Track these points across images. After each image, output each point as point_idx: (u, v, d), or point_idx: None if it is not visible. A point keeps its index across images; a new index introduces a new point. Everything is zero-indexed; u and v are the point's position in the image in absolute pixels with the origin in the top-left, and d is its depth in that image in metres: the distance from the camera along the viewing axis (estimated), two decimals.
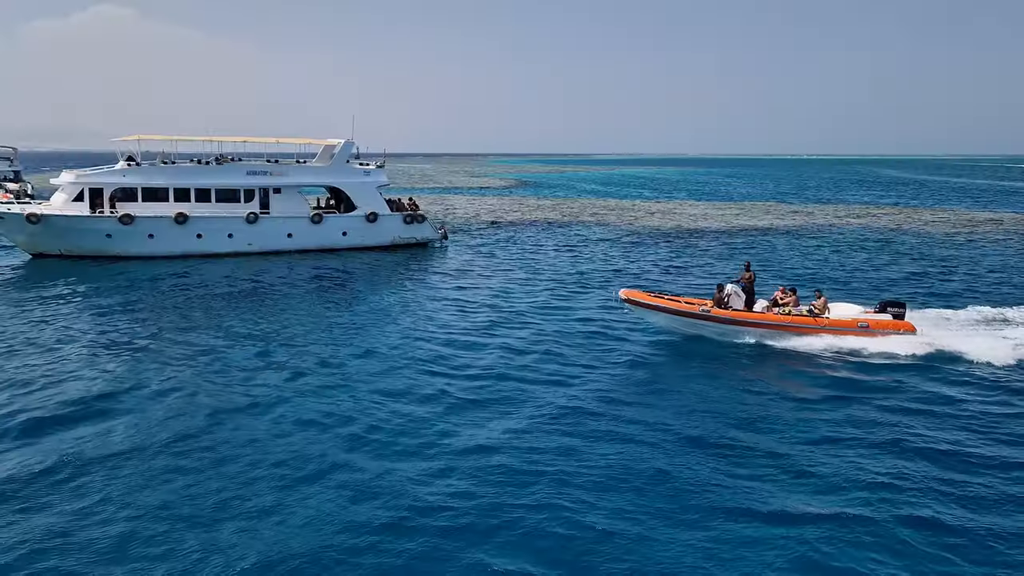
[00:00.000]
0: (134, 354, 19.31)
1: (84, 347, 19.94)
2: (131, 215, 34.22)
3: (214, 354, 19.40)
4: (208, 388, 16.67)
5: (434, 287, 29.23)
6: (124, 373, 17.62)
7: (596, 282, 30.02)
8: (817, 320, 19.49)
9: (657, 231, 49.42)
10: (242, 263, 34.79)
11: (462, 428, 14.37)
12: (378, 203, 39.58)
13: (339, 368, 18.31)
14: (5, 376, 17.36)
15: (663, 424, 14.51)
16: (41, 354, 19.21)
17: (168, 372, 17.75)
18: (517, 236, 46.16)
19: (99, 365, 18.27)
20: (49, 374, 17.55)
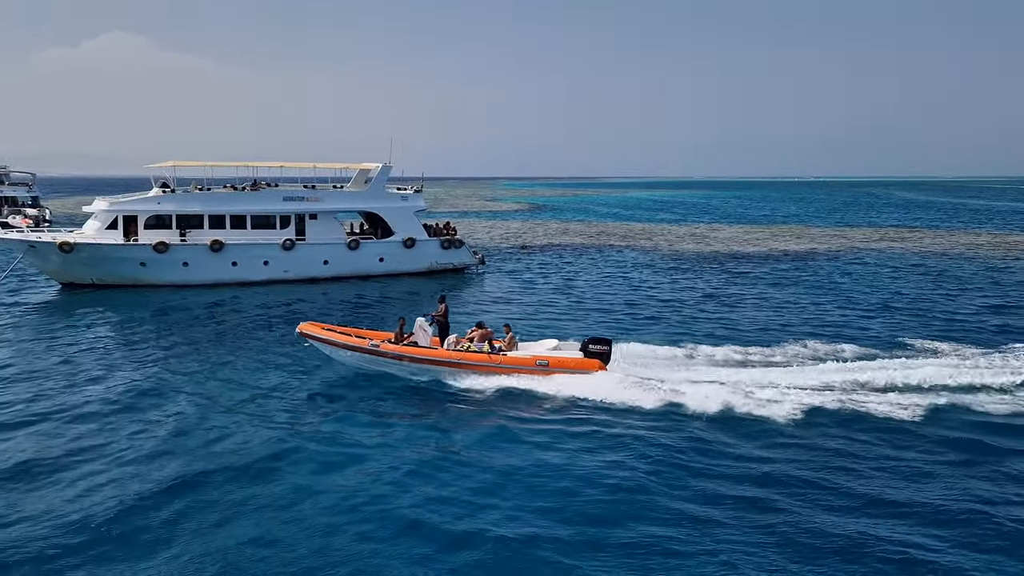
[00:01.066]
0: (171, 389, 18.21)
1: (119, 382, 18.78)
2: (166, 243, 33.20)
3: (256, 389, 18.24)
4: (253, 425, 15.62)
5: (476, 316, 27.74)
6: (163, 410, 16.52)
7: (645, 312, 28.63)
8: (492, 358, 18.02)
9: (695, 256, 48.13)
10: (277, 291, 33.67)
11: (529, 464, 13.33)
12: (416, 228, 38.52)
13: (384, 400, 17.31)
14: (39, 411, 16.36)
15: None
16: (74, 388, 18.21)
17: (209, 410, 16.60)
18: (552, 261, 44.98)
19: (136, 402, 17.10)
20: (82, 408, 16.62)
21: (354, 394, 17.85)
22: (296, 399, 17.57)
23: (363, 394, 17.83)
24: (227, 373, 19.66)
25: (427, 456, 13.94)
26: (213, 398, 17.50)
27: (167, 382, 18.82)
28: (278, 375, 19.45)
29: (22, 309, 29.18)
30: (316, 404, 17.21)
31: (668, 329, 24.96)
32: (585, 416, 15.96)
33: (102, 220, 33.51)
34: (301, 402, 17.37)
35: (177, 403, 17.01)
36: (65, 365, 20.50)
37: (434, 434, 15.19)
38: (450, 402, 17.17)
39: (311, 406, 17.08)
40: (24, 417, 16.08)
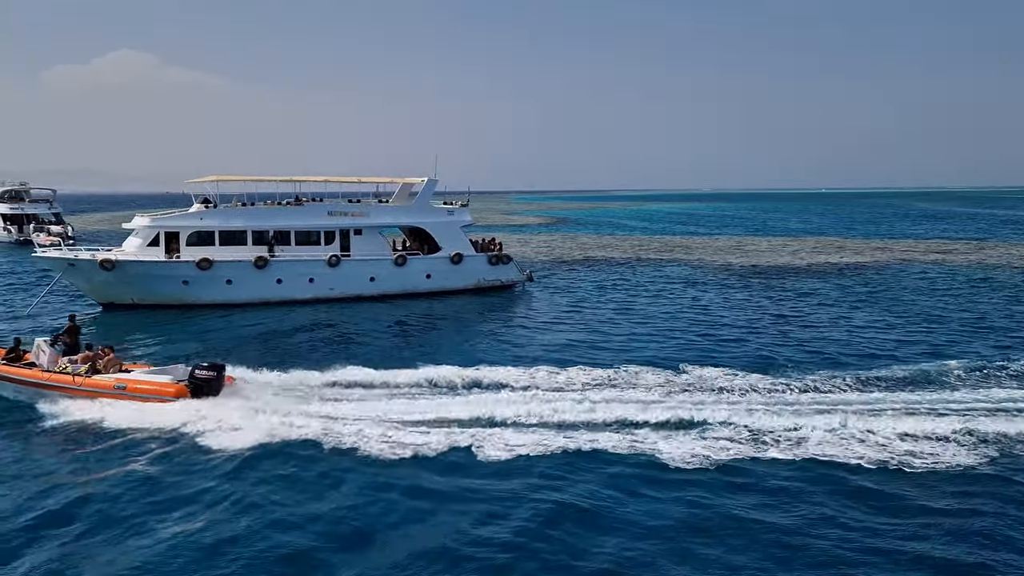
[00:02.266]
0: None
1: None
2: (210, 260, 31.88)
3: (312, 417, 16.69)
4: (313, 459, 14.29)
5: (532, 338, 26.04)
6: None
7: (722, 334, 27.03)
8: (74, 379, 17.30)
9: (747, 270, 46.44)
10: (323, 309, 32.29)
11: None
12: (463, 244, 37.09)
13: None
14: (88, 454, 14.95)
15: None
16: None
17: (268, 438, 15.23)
18: (597, 277, 43.41)
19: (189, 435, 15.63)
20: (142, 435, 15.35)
21: None
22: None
23: None
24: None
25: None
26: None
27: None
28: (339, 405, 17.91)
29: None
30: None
31: (754, 353, 23.32)
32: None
33: (143, 237, 32.26)
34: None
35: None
36: None
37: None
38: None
39: None
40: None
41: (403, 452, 14.46)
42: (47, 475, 13.84)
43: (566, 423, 16.32)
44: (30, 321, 29.41)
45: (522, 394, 18.37)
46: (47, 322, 29.43)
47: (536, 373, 20.59)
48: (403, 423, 16.19)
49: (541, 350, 23.99)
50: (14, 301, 34.39)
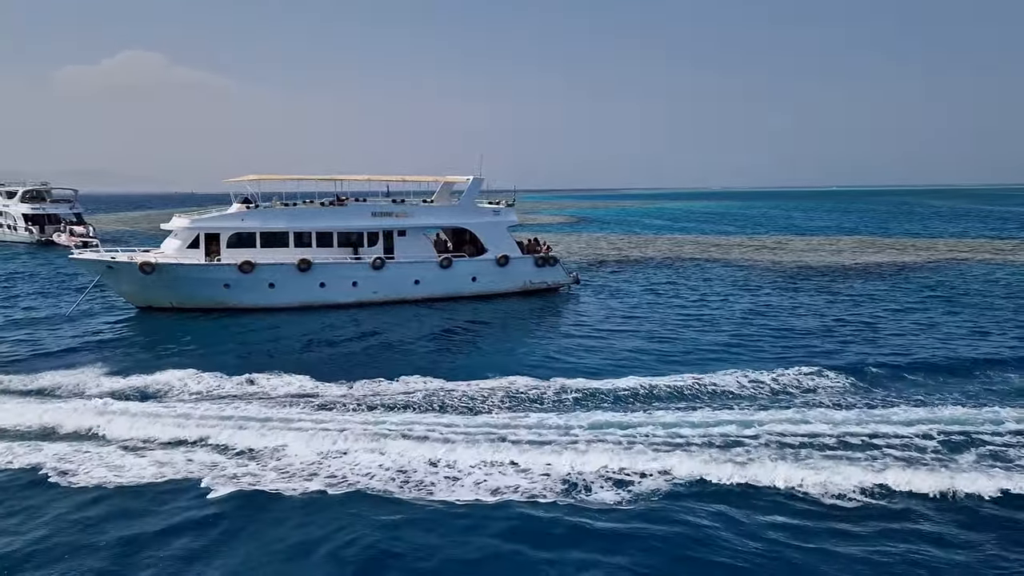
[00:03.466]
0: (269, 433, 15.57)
1: (216, 426, 16.12)
2: (252, 263, 30.65)
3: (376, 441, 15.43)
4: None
5: (593, 346, 24.52)
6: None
7: (803, 340, 25.58)
8: None
9: (789, 271, 44.82)
10: (367, 314, 30.99)
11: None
12: (509, 245, 35.74)
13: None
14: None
15: None
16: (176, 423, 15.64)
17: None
18: (644, 278, 41.93)
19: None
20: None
21: None
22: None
23: None
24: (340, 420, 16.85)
25: None
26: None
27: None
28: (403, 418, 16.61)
29: (105, 339, 26.64)
30: None
31: (848, 359, 21.88)
32: None
33: (183, 238, 31.08)
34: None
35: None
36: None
37: None
38: None
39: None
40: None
41: (509, 495, 13.06)
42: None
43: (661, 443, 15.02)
44: (70, 326, 28.27)
45: (608, 413, 17.06)
46: (87, 326, 28.31)
47: (609, 383, 19.47)
48: (490, 437, 14.99)
49: (605, 360, 22.65)
50: (52, 305, 33.27)
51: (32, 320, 29.28)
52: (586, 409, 17.34)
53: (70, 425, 16.50)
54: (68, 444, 15.48)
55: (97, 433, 16.08)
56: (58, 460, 14.63)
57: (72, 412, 17.13)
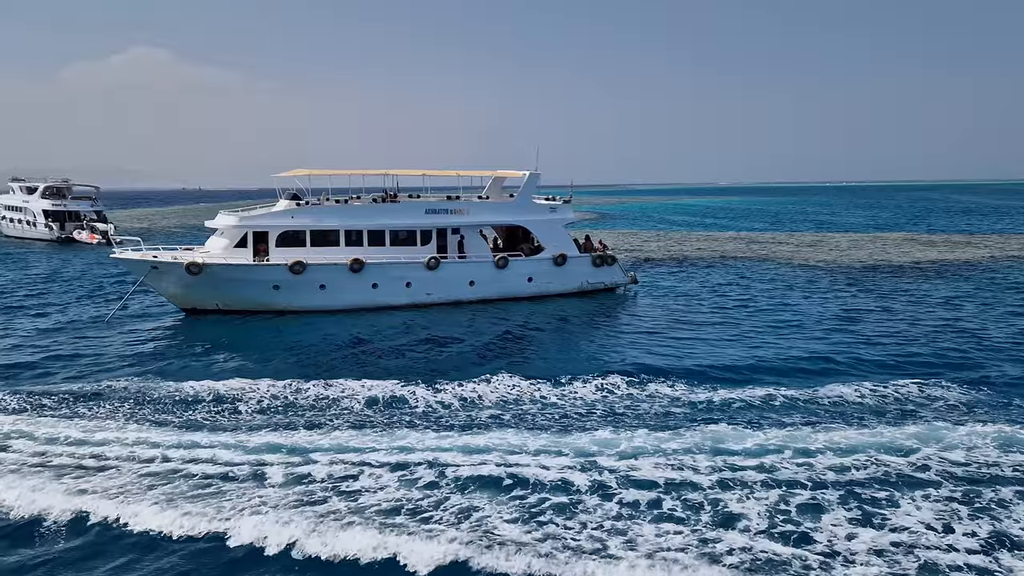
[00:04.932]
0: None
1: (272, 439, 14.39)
2: (303, 263, 28.99)
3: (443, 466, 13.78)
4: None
5: (669, 354, 22.81)
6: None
7: (893, 346, 23.78)
8: None
9: (846, 269, 42.90)
10: (422, 317, 29.35)
11: None
12: (566, 243, 33.99)
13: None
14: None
15: None
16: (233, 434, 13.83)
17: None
18: (700, 278, 40.08)
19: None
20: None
21: None
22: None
23: None
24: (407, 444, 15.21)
25: None
26: None
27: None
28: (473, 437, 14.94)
29: (153, 343, 25.04)
30: None
31: (959, 367, 20.11)
32: None
33: (230, 237, 29.44)
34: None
35: None
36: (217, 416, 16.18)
37: None
38: None
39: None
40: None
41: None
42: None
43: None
44: (112, 331, 26.69)
45: (711, 429, 15.44)
46: (130, 330, 26.73)
47: (700, 395, 18.03)
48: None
49: (696, 367, 21.01)
50: (91, 307, 31.72)
51: (74, 325, 27.70)
52: (706, 422, 15.73)
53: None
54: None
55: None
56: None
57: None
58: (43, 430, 15.87)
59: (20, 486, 13.06)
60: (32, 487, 13.01)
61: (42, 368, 21.16)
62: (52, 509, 12.27)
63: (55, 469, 13.88)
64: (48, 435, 15.56)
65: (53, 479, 13.38)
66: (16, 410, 17.35)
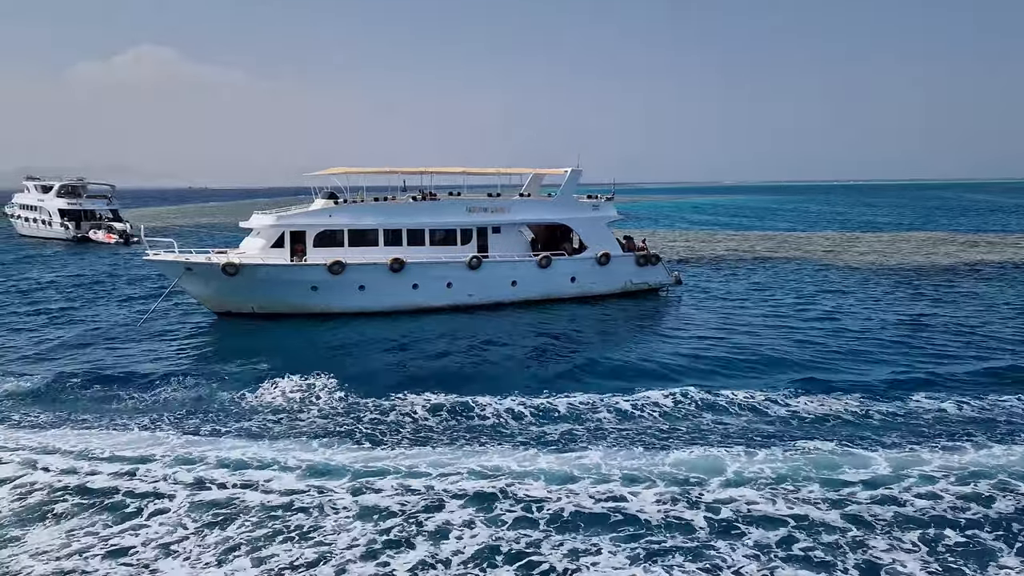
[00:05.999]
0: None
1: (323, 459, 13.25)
2: (342, 263, 27.89)
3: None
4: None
5: (730, 362, 21.59)
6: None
7: (985, 359, 22.51)
8: None
9: (889, 269, 41.59)
10: (463, 320, 28.25)
11: None
12: (610, 242, 32.80)
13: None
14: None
15: None
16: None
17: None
18: (743, 278, 38.82)
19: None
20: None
21: None
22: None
23: None
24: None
25: None
26: None
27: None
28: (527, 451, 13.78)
29: (192, 349, 23.98)
30: None
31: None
32: None
33: (267, 237, 28.34)
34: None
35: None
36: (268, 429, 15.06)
37: None
38: None
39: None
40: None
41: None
42: None
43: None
44: (146, 336, 25.64)
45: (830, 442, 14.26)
46: (165, 335, 25.68)
47: (782, 407, 16.90)
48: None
49: (762, 377, 19.88)
50: (119, 311, 30.70)
51: (106, 330, 26.64)
52: (803, 438, 14.54)
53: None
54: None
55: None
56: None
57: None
58: (87, 445, 14.79)
59: (57, 529, 11.43)
60: (67, 532, 11.33)
61: (80, 377, 20.03)
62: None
63: (96, 497, 12.53)
64: (88, 453, 14.42)
65: (95, 515, 11.96)
66: (51, 424, 16.23)
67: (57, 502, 12.35)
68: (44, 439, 15.15)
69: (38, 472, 13.51)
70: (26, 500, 12.45)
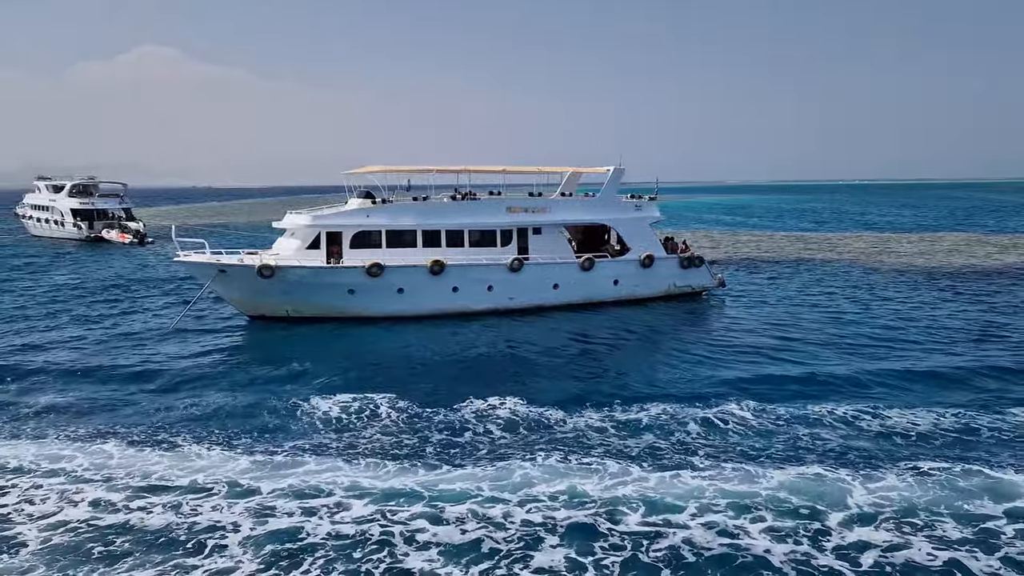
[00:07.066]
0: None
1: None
2: (381, 265, 26.76)
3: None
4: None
5: (789, 372, 20.42)
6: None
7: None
8: None
9: (930, 271, 40.34)
10: (504, 325, 27.14)
11: None
12: (653, 244, 31.64)
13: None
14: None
15: None
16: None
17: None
18: (783, 281, 37.57)
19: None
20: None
21: None
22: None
23: None
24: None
25: None
26: None
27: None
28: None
29: (230, 355, 22.84)
30: None
31: None
32: None
33: (302, 237, 27.23)
34: None
35: None
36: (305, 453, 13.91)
37: None
38: None
39: None
40: None
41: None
42: None
43: None
44: (179, 340, 24.52)
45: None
46: (198, 340, 24.56)
47: (873, 422, 15.88)
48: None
49: (839, 388, 18.77)
50: (146, 315, 29.61)
51: (136, 334, 25.54)
52: (909, 458, 13.30)
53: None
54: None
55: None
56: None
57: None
58: (133, 467, 13.63)
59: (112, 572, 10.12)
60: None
61: (118, 389, 18.95)
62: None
63: (151, 533, 11.23)
64: (135, 475, 13.25)
65: (151, 552, 10.66)
66: (90, 440, 15.05)
67: (108, 538, 11.14)
68: (86, 461, 13.94)
69: (81, 507, 12.17)
70: (73, 536, 11.23)
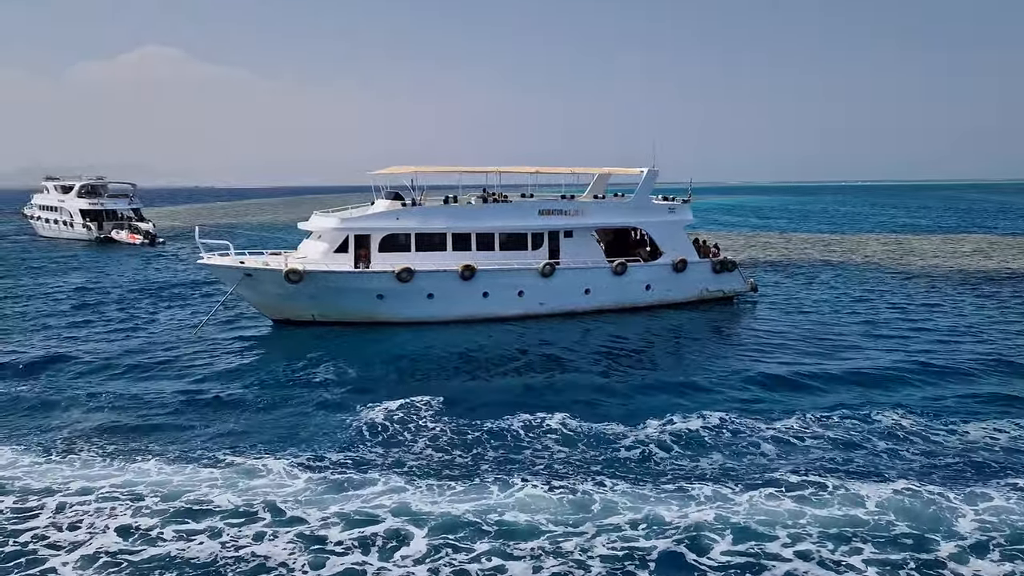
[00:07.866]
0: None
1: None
2: (411, 270, 25.96)
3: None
4: None
5: (829, 383, 19.50)
6: None
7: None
8: None
9: (960, 274, 39.44)
10: (535, 330, 26.35)
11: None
12: (686, 247, 30.83)
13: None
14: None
15: None
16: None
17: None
18: (817, 285, 36.69)
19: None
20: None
21: None
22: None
23: None
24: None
25: None
26: None
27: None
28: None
29: (261, 361, 22.04)
30: None
31: None
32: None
33: (330, 240, 26.45)
34: None
35: None
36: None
37: None
38: None
39: None
40: None
41: None
42: None
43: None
44: (206, 345, 23.74)
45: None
46: (225, 345, 23.79)
47: (956, 438, 14.89)
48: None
49: (904, 399, 17.88)
50: (170, 318, 28.82)
51: (161, 339, 24.75)
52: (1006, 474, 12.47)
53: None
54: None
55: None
56: None
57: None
58: (172, 487, 12.78)
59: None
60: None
61: (147, 399, 18.12)
62: None
63: (195, 568, 10.33)
64: (174, 499, 12.37)
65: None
66: (126, 459, 14.19)
67: (142, 569, 10.31)
68: (122, 482, 13.05)
69: (114, 534, 11.31)
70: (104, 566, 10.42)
